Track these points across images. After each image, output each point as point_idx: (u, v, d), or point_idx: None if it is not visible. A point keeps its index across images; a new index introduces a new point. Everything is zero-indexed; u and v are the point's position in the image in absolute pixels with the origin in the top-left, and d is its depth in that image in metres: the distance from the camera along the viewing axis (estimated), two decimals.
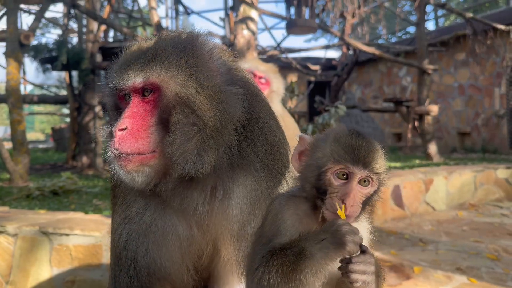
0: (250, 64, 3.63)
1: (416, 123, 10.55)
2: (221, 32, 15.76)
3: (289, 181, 1.63)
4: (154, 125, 1.34)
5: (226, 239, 1.55)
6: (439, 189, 6.39)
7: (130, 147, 1.30)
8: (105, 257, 3.14)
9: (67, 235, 3.18)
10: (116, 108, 1.49)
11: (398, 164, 9.07)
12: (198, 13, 16.82)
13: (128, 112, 1.35)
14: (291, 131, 3.64)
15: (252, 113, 1.55)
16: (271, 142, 1.59)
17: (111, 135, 1.36)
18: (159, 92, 1.36)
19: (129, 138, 1.30)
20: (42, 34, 20.73)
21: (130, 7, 18.59)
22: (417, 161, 9.79)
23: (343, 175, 1.18)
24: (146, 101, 1.37)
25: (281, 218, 1.21)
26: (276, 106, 3.59)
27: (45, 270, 3.20)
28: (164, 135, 1.33)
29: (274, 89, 3.62)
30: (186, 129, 1.33)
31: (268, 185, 1.54)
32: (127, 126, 1.31)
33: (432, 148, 10.31)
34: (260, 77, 3.56)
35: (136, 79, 1.36)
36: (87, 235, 3.17)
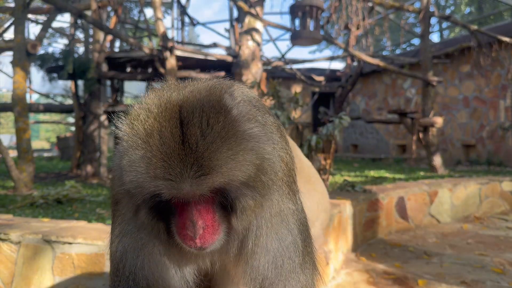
0: None
1: (421, 135, 10.52)
2: (226, 43, 15.86)
3: (298, 199, 1.62)
4: (218, 213, 1.31)
5: (235, 254, 1.52)
6: (444, 202, 6.35)
7: (211, 241, 1.29)
8: (108, 266, 3.13)
9: (70, 243, 3.17)
10: (151, 207, 1.30)
11: (402, 176, 9.03)
12: (203, 24, 16.97)
13: (195, 215, 1.26)
14: None
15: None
16: (285, 161, 1.59)
17: (182, 236, 1.30)
18: (216, 193, 1.26)
19: (208, 236, 1.28)
20: (49, 44, 21.01)
21: (136, 18, 18.78)
22: (422, 173, 9.75)
23: None
24: (205, 200, 1.27)
25: None
26: None
27: (47, 278, 3.20)
28: (228, 216, 1.32)
29: None
30: (252, 208, 1.32)
31: (282, 201, 1.53)
32: (203, 228, 1.27)
33: (437, 160, 10.27)
34: None
35: (197, 191, 1.19)
36: (90, 243, 3.16)
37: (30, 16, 12.86)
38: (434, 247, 5.01)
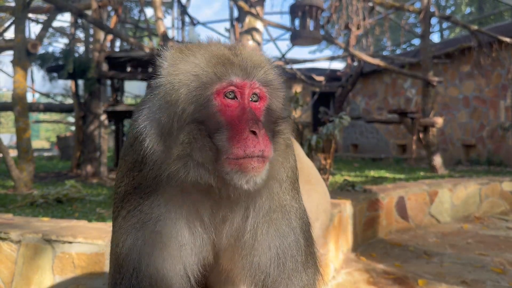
0: None
1: (421, 135, 10.51)
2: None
3: (300, 198, 1.62)
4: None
5: (234, 249, 1.51)
6: (444, 201, 6.35)
7: (269, 149, 1.26)
8: (108, 266, 3.13)
9: (70, 243, 3.17)
10: (200, 106, 1.30)
11: (402, 176, 9.03)
12: (204, 24, 16.97)
13: (252, 112, 1.30)
14: None
15: None
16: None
17: (238, 135, 1.24)
18: (263, 103, 1.39)
19: (266, 139, 1.25)
20: (49, 43, 20.98)
21: (136, 17, 18.78)
22: (422, 173, 9.75)
23: None
24: (254, 106, 1.35)
25: None
26: None
27: (47, 278, 3.20)
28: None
29: None
30: (284, 140, 1.42)
31: (284, 197, 1.53)
32: (262, 126, 1.28)
33: (437, 160, 10.26)
34: None
35: (256, 79, 1.36)
36: (90, 243, 3.16)
37: (30, 15, 12.84)
38: (434, 246, 5.01)
